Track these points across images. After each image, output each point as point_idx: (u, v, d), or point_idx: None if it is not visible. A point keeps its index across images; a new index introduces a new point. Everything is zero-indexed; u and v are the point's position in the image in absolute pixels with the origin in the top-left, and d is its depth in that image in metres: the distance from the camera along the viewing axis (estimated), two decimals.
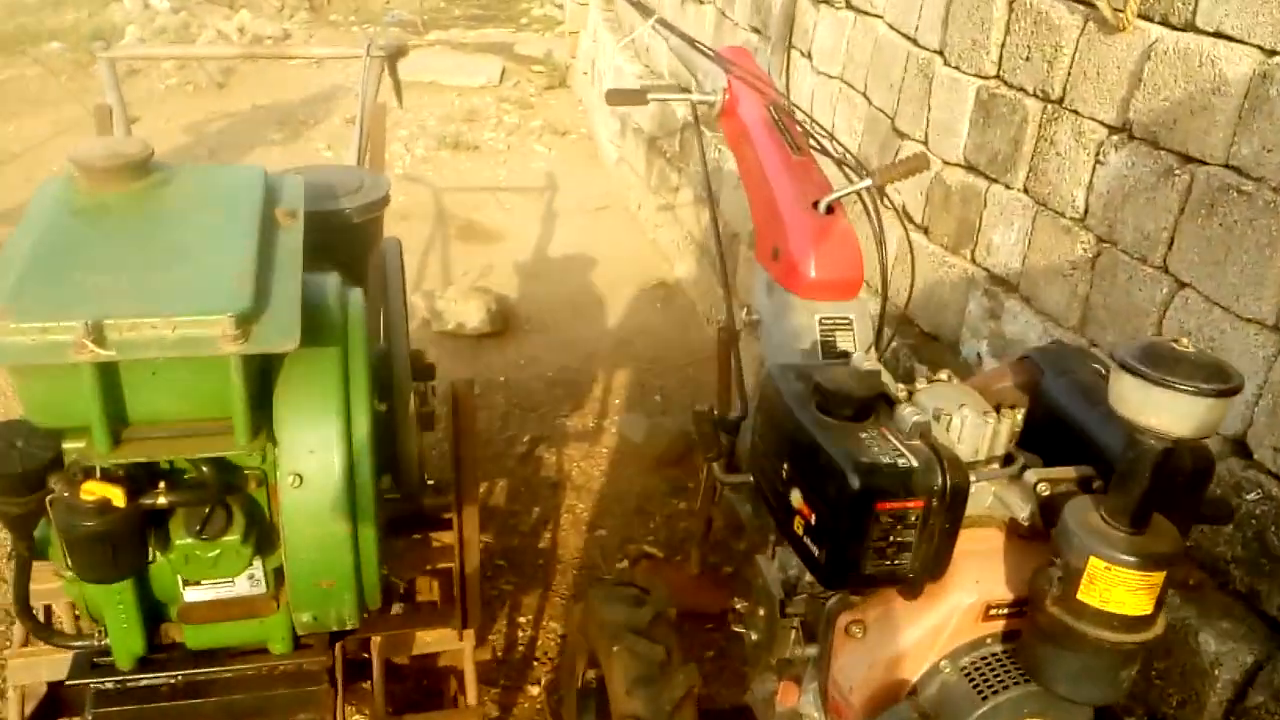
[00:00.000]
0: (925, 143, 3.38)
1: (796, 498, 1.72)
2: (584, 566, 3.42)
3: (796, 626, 1.93)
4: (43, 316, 1.30)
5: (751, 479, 2.31)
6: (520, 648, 3.10)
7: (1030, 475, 1.68)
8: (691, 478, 3.86)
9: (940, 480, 1.61)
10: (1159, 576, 1.51)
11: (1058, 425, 1.83)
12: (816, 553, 1.68)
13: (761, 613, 2.00)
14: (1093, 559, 1.51)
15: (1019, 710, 1.68)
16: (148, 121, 6.97)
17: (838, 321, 2.29)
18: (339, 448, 1.48)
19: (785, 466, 1.75)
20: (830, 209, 2.32)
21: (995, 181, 3.05)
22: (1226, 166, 2.28)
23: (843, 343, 2.30)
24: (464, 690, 2.53)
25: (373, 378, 1.55)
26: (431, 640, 2.13)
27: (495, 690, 2.92)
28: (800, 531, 1.72)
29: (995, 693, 1.67)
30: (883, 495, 1.59)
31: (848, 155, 2.55)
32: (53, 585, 2.01)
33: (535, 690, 2.96)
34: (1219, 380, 1.40)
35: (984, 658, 1.73)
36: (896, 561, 1.66)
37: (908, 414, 1.69)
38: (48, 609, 2.26)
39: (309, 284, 1.50)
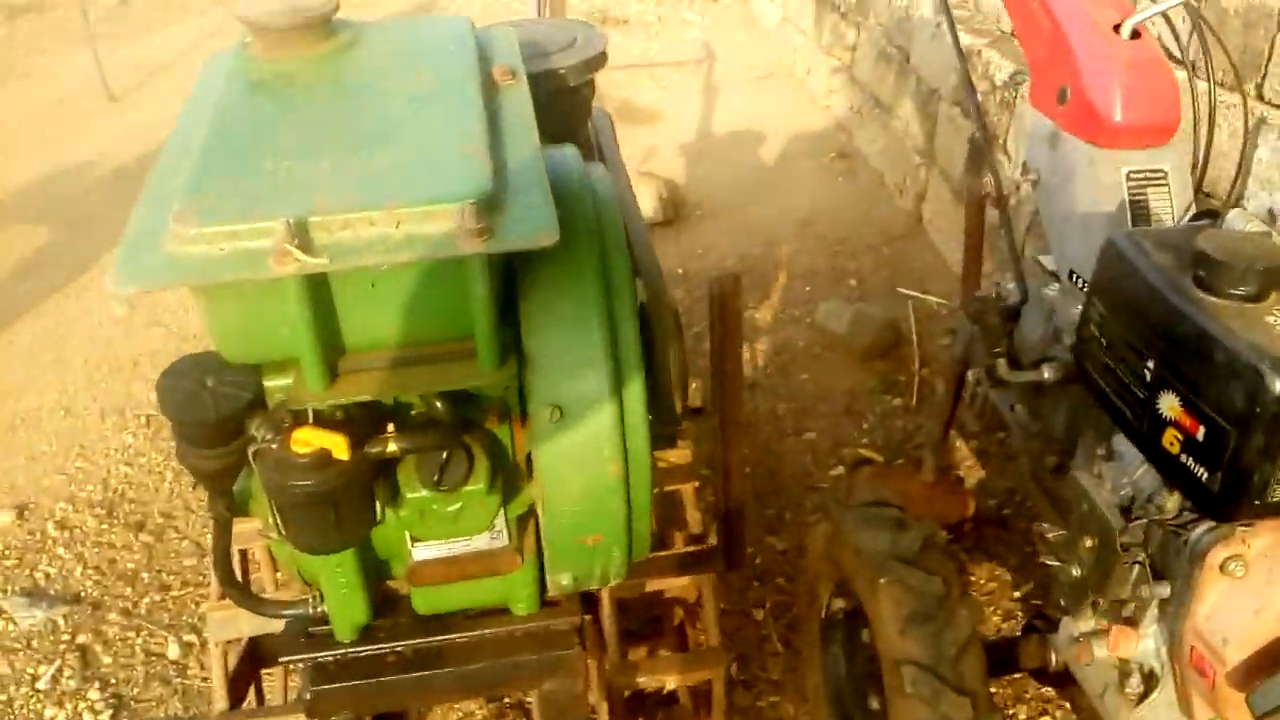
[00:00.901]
0: None
1: (1171, 405, 1.33)
2: (795, 474, 3.08)
3: (1141, 561, 1.56)
4: (232, 217, 0.99)
5: (1045, 376, 1.93)
6: None
7: None
8: (902, 371, 3.47)
9: None
10: None
11: None
12: (1204, 476, 1.30)
13: (1089, 544, 1.62)
14: None
15: None
16: None
17: (1150, 176, 1.85)
18: (605, 369, 1.14)
19: (1150, 364, 1.36)
20: (1136, 33, 1.85)
21: None
22: None
23: (1155, 202, 1.86)
24: (691, 625, 2.26)
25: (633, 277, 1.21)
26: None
27: None
28: (1175, 449, 1.34)
29: None
30: None
31: None
32: (246, 528, 1.78)
33: (759, 614, 2.67)
34: None
35: None
36: None
37: None
38: (243, 555, 2.05)
39: (546, 160, 1.16)
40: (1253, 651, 1.41)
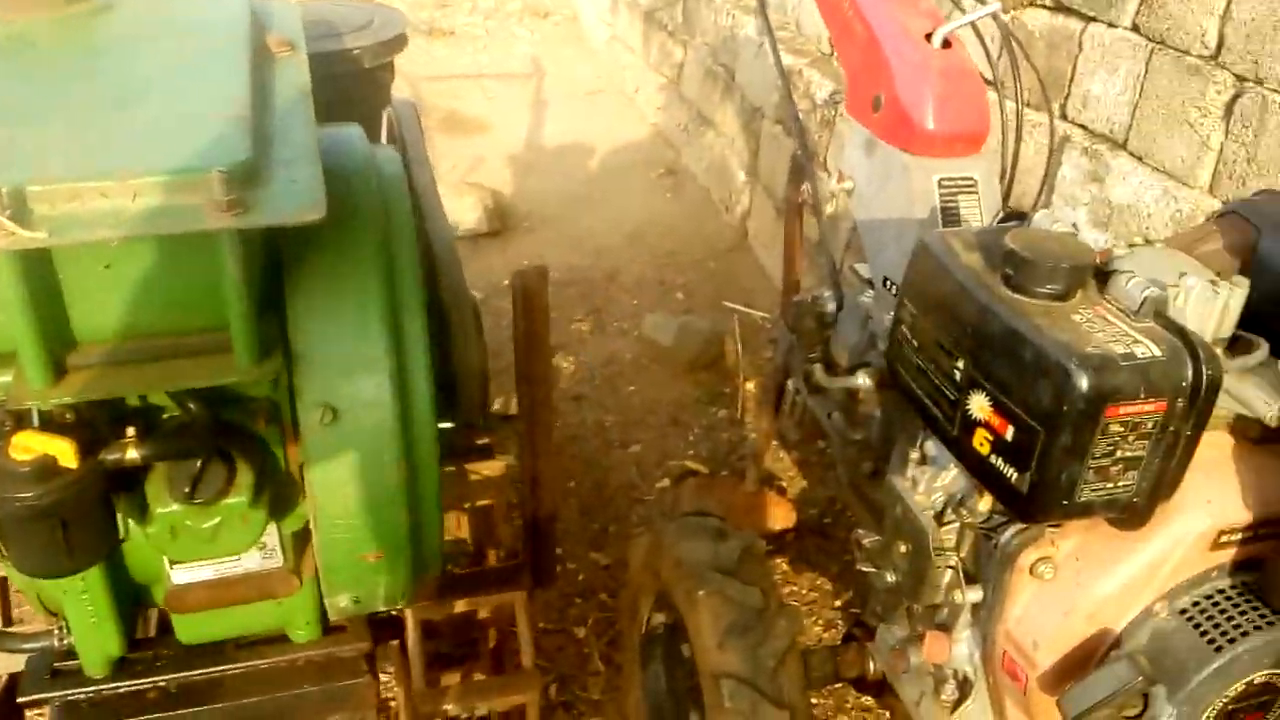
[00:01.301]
0: None
1: (981, 405, 1.31)
2: (621, 487, 3.02)
3: (954, 565, 1.54)
4: None
5: (861, 382, 1.92)
6: (558, 582, 2.70)
7: None
8: (727, 383, 3.46)
9: (1190, 373, 1.20)
10: None
11: None
12: (1013, 477, 1.28)
13: (903, 549, 1.60)
14: None
15: (1261, 661, 1.31)
16: None
17: (960, 183, 1.86)
18: (385, 366, 1.03)
19: (960, 365, 1.33)
20: (947, 43, 1.86)
21: (1094, 20, 2.59)
22: None
23: (966, 209, 1.87)
24: (508, 646, 2.15)
25: (422, 266, 1.10)
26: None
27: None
28: (985, 450, 1.32)
29: (1231, 641, 1.30)
30: (1117, 397, 1.18)
31: None
32: None
33: (581, 632, 2.59)
34: None
35: (1210, 597, 1.36)
36: (1121, 483, 1.27)
37: (1134, 286, 1.27)
38: (3, 582, 1.82)
39: (324, 138, 1.04)
40: (1063, 654, 1.40)
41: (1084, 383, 1.17)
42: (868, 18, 1.91)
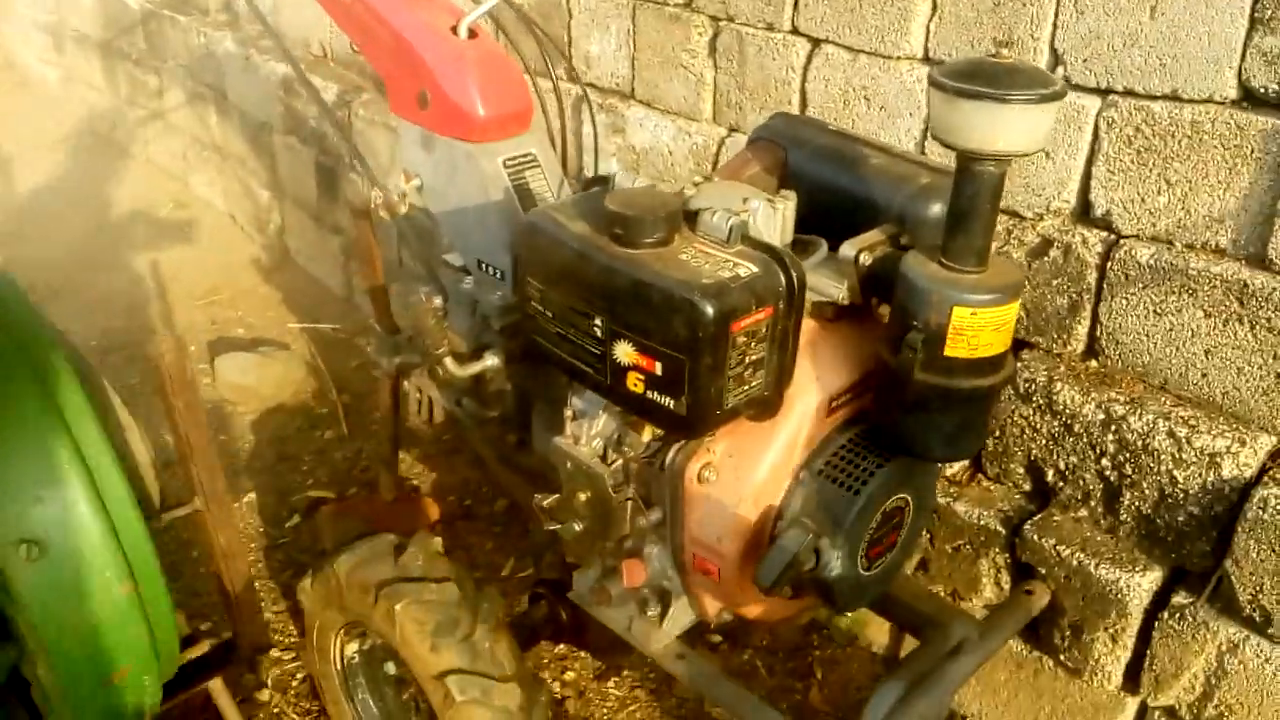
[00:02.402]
0: None
1: (626, 352, 1.46)
2: (251, 539, 2.88)
3: (631, 496, 1.69)
4: None
5: (491, 363, 2.01)
6: None
7: (848, 248, 1.55)
8: (323, 403, 3.39)
9: (784, 280, 1.44)
10: (1016, 306, 1.47)
11: (819, 197, 1.71)
12: (671, 404, 1.45)
13: (584, 497, 1.73)
14: (957, 310, 1.43)
15: (889, 491, 1.61)
16: None
17: (523, 160, 1.99)
18: (82, 482, 0.96)
19: (598, 322, 1.47)
20: (472, 33, 1.97)
21: None
22: None
23: (535, 183, 2.01)
24: None
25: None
26: None
27: None
28: (640, 389, 1.47)
29: (863, 483, 1.58)
30: (737, 314, 1.38)
31: None
32: None
33: (264, 694, 2.47)
34: (1049, 83, 1.34)
35: (836, 453, 1.64)
36: (754, 383, 1.49)
37: (719, 219, 1.48)
38: None
39: None
40: (743, 539, 1.60)
41: (710, 309, 1.35)
42: (390, 21, 1.97)
